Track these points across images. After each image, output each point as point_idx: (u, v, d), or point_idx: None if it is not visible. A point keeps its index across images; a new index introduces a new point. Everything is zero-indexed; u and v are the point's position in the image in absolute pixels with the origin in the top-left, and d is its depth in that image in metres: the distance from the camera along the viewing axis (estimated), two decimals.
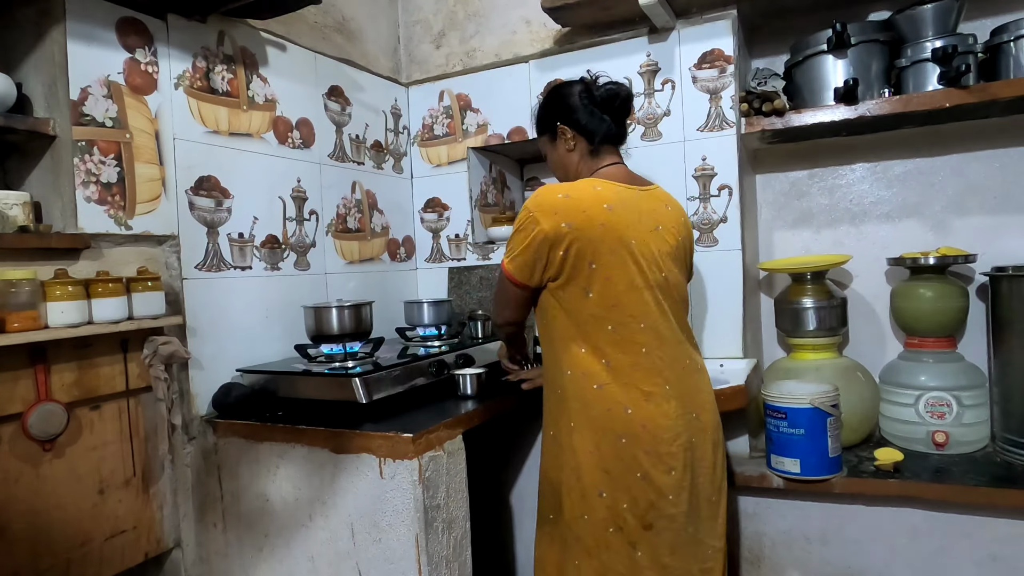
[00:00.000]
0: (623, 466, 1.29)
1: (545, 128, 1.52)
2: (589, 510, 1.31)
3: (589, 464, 1.30)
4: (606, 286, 1.30)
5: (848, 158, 2.10)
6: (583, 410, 1.32)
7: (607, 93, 1.45)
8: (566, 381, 1.35)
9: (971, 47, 1.71)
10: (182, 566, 1.60)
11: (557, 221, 1.29)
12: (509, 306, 1.45)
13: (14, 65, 1.44)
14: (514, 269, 1.36)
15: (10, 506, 1.28)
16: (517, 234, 1.35)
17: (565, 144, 1.48)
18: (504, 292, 1.43)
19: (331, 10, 2.12)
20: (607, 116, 1.45)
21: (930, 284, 1.85)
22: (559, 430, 1.37)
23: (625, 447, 1.29)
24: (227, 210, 1.72)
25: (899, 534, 1.70)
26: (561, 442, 1.36)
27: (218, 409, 1.60)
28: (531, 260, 1.33)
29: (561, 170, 1.53)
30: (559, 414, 1.37)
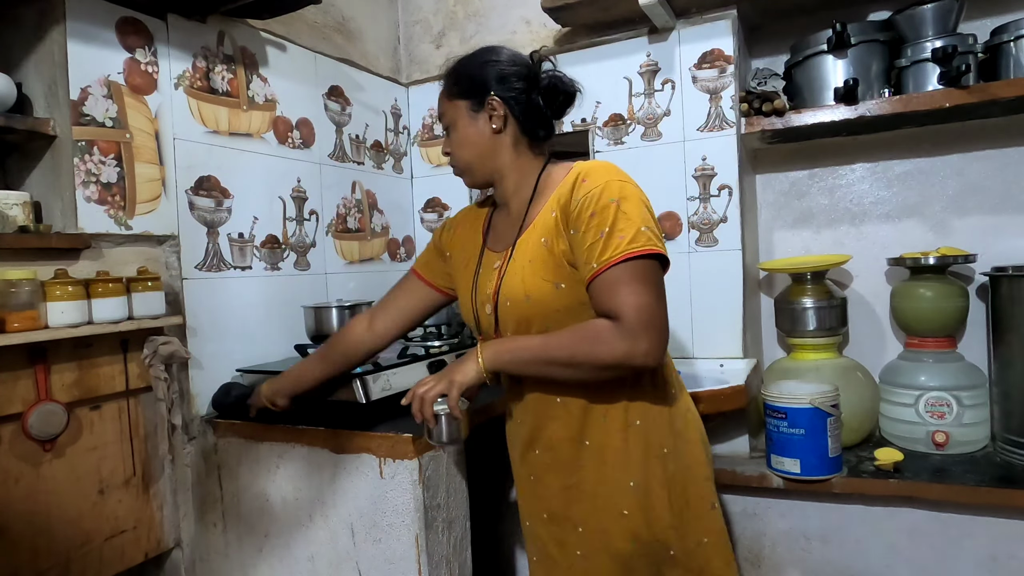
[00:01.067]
0: (712, 466, 1.23)
1: (467, 93, 1.17)
2: (707, 531, 1.17)
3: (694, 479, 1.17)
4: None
5: (848, 158, 2.10)
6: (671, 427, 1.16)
7: (550, 81, 1.19)
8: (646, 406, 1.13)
9: (971, 47, 1.71)
10: (182, 566, 1.60)
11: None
12: (666, 308, 1.04)
13: (14, 65, 1.44)
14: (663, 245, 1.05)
15: (10, 506, 1.28)
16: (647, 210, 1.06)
17: (492, 122, 1.16)
18: (658, 286, 1.03)
19: (331, 10, 2.12)
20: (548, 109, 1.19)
21: (930, 284, 1.85)
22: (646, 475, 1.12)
23: (706, 447, 1.23)
24: (227, 210, 1.72)
25: (899, 534, 1.70)
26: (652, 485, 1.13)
27: (218, 409, 1.60)
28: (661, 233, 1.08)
29: (472, 151, 1.18)
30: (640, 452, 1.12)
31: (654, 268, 1.03)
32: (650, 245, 1.01)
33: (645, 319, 0.99)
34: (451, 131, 1.21)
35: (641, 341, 0.99)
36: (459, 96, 1.19)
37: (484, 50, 1.21)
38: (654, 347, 1.00)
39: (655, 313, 1.00)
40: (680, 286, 2.01)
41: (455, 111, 1.19)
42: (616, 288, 1.00)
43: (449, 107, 1.20)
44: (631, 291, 0.99)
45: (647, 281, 1.01)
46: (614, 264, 1.00)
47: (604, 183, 1.06)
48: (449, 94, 1.20)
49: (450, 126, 1.21)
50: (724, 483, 1.83)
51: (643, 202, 1.07)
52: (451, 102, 1.20)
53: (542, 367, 1.08)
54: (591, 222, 1.04)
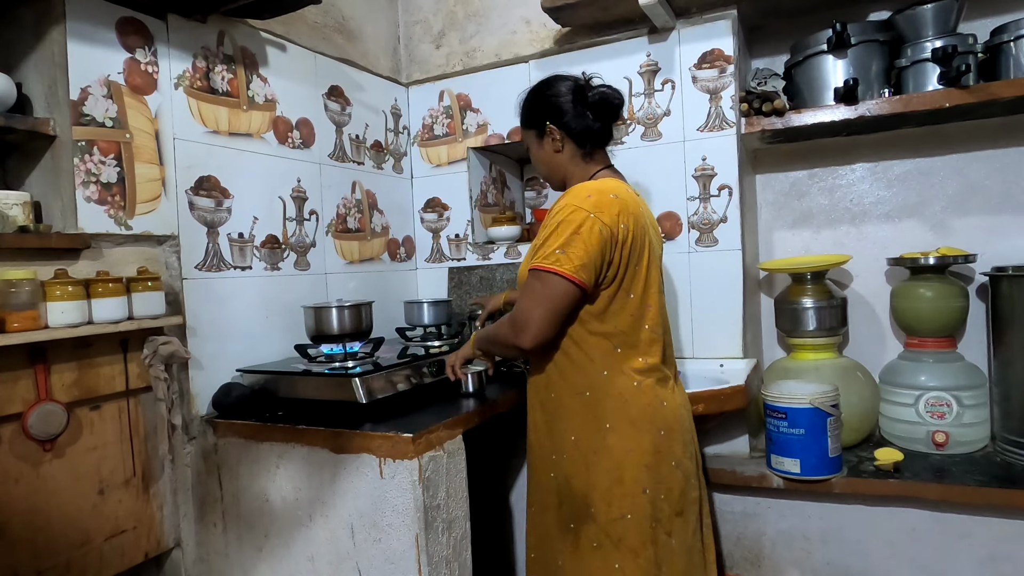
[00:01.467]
0: (660, 458, 1.32)
1: (532, 124, 1.47)
2: (632, 508, 1.30)
3: (630, 462, 1.31)
4: (643, 287, 1.35)
5: (848, 158, 2.10)
6: (622, 409, 1.32)
7: (599, 97, 1.41)
8: (601, 382, 1.33)
9: (971, 47, 1.71)
10: (182, 566, 1.60)
11: (616, 221, 1.29)
12: (556, 318, 1.30)
13: (14, 65, 1.44)
14: (579, 271, 1.26)
15: (10, 506, 1.28)
16: (573, 235, 1.27)
17: (553, 145, 1.44)
18: (553, 301, 1.28)
19: (331, 10, 2.12)
20: (598, 122, 1.42)
21: (930, 284, 1.85)
22: (584, 434, 1.34)
23: (663, 439, 1.33)
24: (227, 210, 1.72)
25: (899, 534, 1.70)
26: (588, 446, 1.33)
27: (218, 409, 1.60)
28: (596, 261, 1.27)
29: (545, 168, 1.49)
30: (587, 417, 1.34)
31: (552, 282, 1.27)
32: (555, 265, 1.26)
33: (523, 320, 1.29)
34: (529, 153, 1.53)
35: (518, 334, 1.30)
36: (526, 126, 1.50)
37: (543, 83, 1.47)
38: (526, 340, 1.29)
39: (532, 317, 1.28)
40: (680, 286, 2.01)
41: (527, 137, 1.51)
42: (522, 290, 1.33)
43: (523, 135, 1.53)
44: (525, 295, 1.30)
45: (538, 291, 1.28)
46: (531, 270, 1.30)
47: (564, 205, 1.31)
48: (521, 124, 1.52)
49: (528, 148, 1.53)
50: (724, 483, 1.83)
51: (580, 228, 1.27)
52: (523, 130, 1.52)
53: (490, 348, 1.52)
54: (541, 234, 1.33)
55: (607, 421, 1.32)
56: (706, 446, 1.94)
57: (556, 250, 1.27)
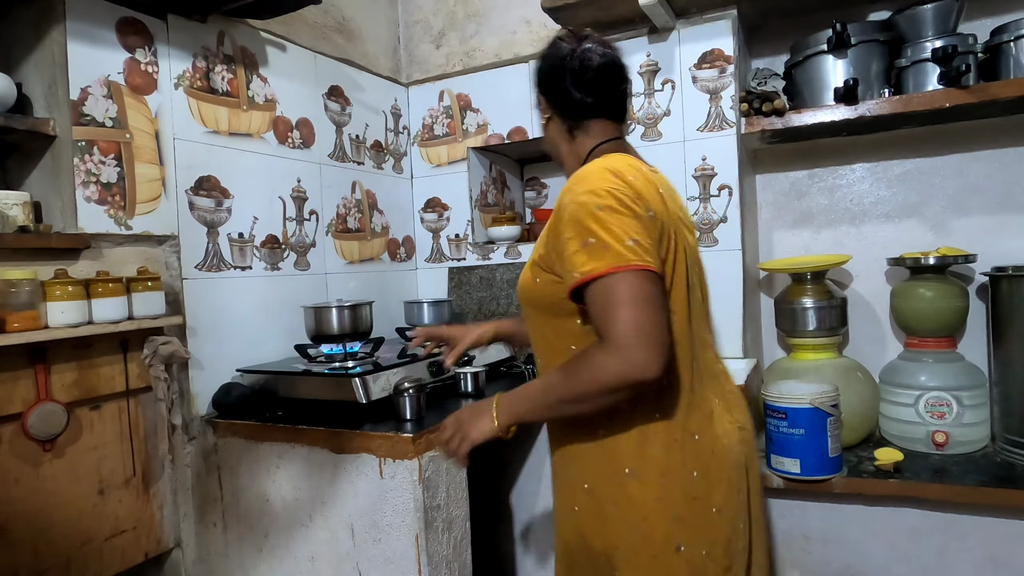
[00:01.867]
0: (698, 506, 1.05)
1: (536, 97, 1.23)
2: (666, 572, 1.04)
3: (658, 514, 1.04)
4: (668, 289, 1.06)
5: (848, 158, 2.10)
6: (642, 447, 1.05)
7: (579, 62, 1.13)
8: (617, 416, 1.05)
9: (971, 47, 1.71)
10: (182, 566, 1.60)
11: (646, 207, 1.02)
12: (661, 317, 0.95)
13: (14, 65, 1.44)
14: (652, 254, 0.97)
15: (10, 506, 1.28)
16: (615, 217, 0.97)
17: (543, 118, 1.22)
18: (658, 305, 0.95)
19: (331, 10, 2.12)
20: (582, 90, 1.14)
21: (930, 284, 1.85)
22: (599, 482, 1.08)
23: (697, 482, 1.05)
24: (227, 210, 1.72)
25: (899, 534, 1.70)
26: (605, 495, 1.07)
27: (218, 409, 1.60)
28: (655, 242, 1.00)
29: (546, 145, 1.26)
30: (601, 460, 1.08)
31: (641, 279, 0.95)
32: (636, 260, 0.95)
33: (633, 334, 0.92)
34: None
35: (633, 355, 0.92)
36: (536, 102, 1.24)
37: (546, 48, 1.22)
38: (651, 359, 0.92)
39: (644, 325, 0.92)
40: None
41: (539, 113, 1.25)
42: (603, 304, 0.95)
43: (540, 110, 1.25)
44: (617, 305, 0.93)
45: (633, 294, 0.94)
46: (595, 278, 0.95)
47: (591, 190, 1.01)
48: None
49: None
50: None
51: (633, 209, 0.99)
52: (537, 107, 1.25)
53: (555, 410, 1.06)
54: (572, 229, 1.00)
55: (626, 465, 1.05)
56: None
57: (629, 241, 0.95)
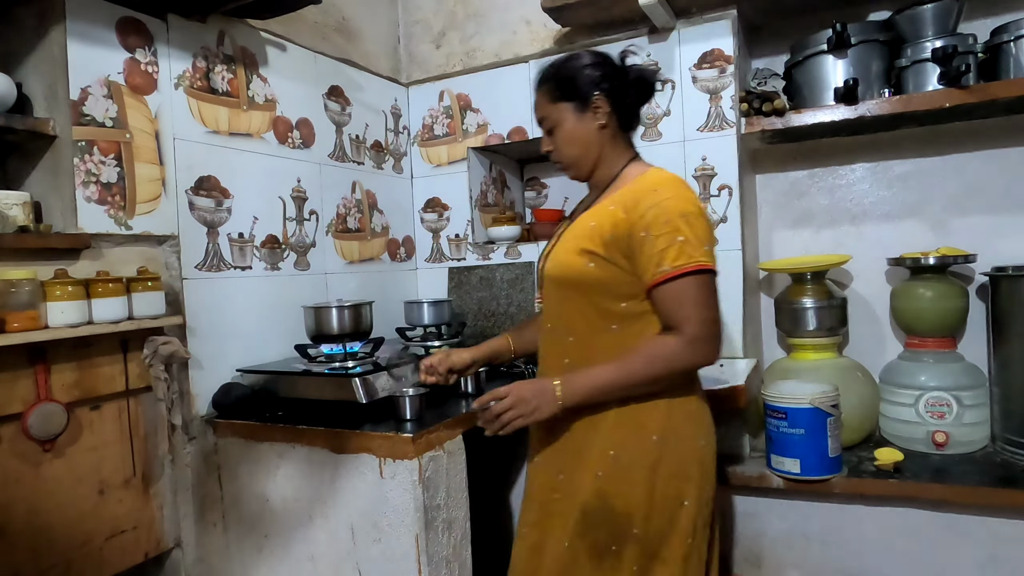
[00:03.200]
0: (703, 469, 1.25)
1: (572, 95, 1.27)
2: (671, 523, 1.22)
3: (676, 474, 1.22)
4: None
5: (848, 158, 2.10)
6: (669, 418, 1.22)
7: (639, 74, 1.29)
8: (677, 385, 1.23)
9: (971, 47, 1.71)
10: (182, 566, 1.60)
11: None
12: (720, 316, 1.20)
13: (14, 65, 1.44)
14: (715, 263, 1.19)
15: (10, 506, 1.28)
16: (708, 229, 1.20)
17: (597, 119, 1.27)
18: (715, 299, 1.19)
19: (331, 10, 2.12)
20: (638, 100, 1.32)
21: (930, 284, 1.85)
22: (626, 448, 1.22)
23: (703, 448, 1.26)
24: (227, 210, 1.72)
25: (899, 534, 1.70)
26: (632, 459, 1.22)
27: (218, 409, 1.60)
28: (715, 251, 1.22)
29: (580, 147, 1.30)
30: (631, 428, 1.22)
31: (713, 282, 1.18)
32: (712, 263, 1.17)
33: (708, 331, 1.16)
34: (556, 131, 1.31)
35: (703, 349, 1.16)
36: (563, 99, 1.29)
37: (577, 55, 1.31)
38: (715, 353, 1.18)
39: (715, 323, 1.17)
40: None
41: (559, 113, 1.29)
42: (682, 299, 1.15)
43: (552, 110, 1.30)
44: (697, 304, 1.15)
45: (710, 294, 1.17)
46: (681, 274, 1.14)
47: (676, 195, 1.19)
48: (552, 98, 1.30)
49: (555, 127, 1.31)
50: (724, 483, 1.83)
51: (707, 218, 1.21)
52: (554, 105, 1.30)
53: (623, 392, 1.21)
54: (663, 229, 1.16)
55: (654, 433, 1.22)
56: None
57: (707, 247, 1.17)
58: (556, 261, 1.29)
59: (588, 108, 1.27)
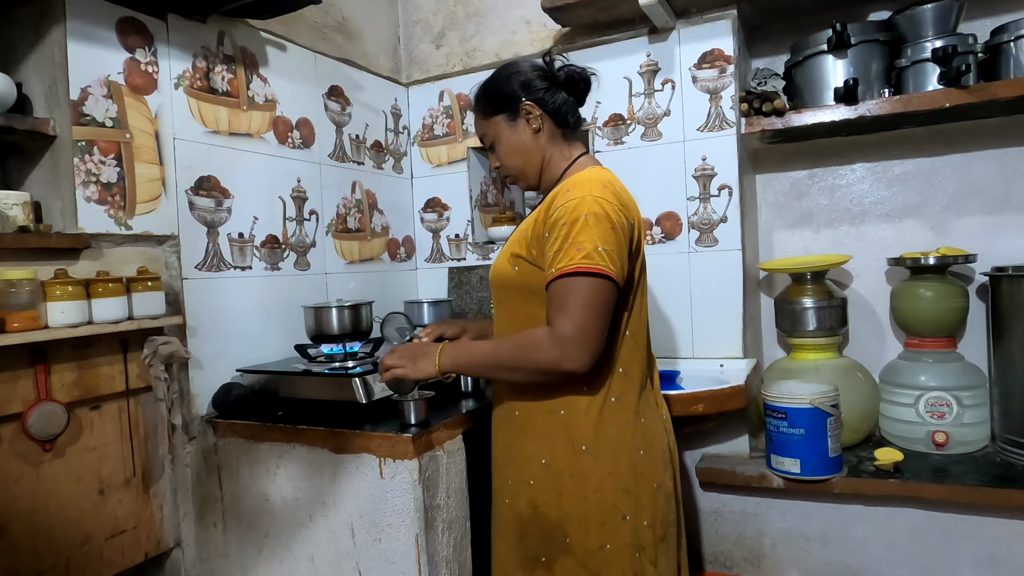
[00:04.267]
0: (642, 481, 1.20)
1: (500, 108, 1.29)
2: (612, 538, 1.18)
3: (609, 486, 1.18)
4: (632, 291, 1.22)
5: (848, 158, 2.10)
6: (599, 427, 1.19)
7: (567, 74, 1.29)
8: (578, 398, 1.20)
9: (971, 47, 1.71)
10: (182, 566, 1.60)
11: (630, 215, 1.19)
12: (605, 324, 1.13)
13: (14, 65, 1.44)
14: (620, 275, 1.12)
15: (10, 506, 1.28)
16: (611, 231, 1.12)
17: (530, 125, 1.28)
18: (606, 311, 1.12)
19: (331, 10, 2.12)
20: (576, 100, 1.32)
21: (930, 284, 1.85)
22: (556, 457, 1.21)
23: (643, 459, 1.21)
24: (227, 210, 1.72)
25: (899, 534, 1.70)
26: (563, 469, 1.20)
27: (218, 409, 1.60)
28: (624, 255, 1.15)
29: (520, 156, 1.30)
30: (560, 438, 1.21)
31: (600, 286, 1.10)
32: (602, 266, 1.10)
33: (577, 333, 1.09)
34: (496, 146, 1.32)
35: (570, 351, 1.09)
36: (494, 113, 1.30)
37: (502, 68, 1.33)
38: (583, 358, 1.10)
39: (589, 328, 1.10)
40: (680, 286, 2.01)
41: (495, 128, 1.31)
42: (561, 298, 1.11)
43: (488, 126, 1.32)
44: (573, 304, 1.10)
45: (589, 298, 1.10)
46: (563, 275, 1.11)
47: (583, 196, 1.14)
48: (484, 114, 1.32)
49: (494, 142, 1.32)
50: (724, 483, 1.83)
51: (614, 221, 1.13)
52: (488, 120, 1.31)
53: (489, 371, 1.24)
54: (560, 230, 1.13)
55: (583, 443, 1.19)
56: (706, 446, 1.94)
57: (600, 248, 1.10)
58: (494, 267, 1.32)
59: (519, 116, 1.28)
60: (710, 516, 1.93)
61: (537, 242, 1.20)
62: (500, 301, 1.32)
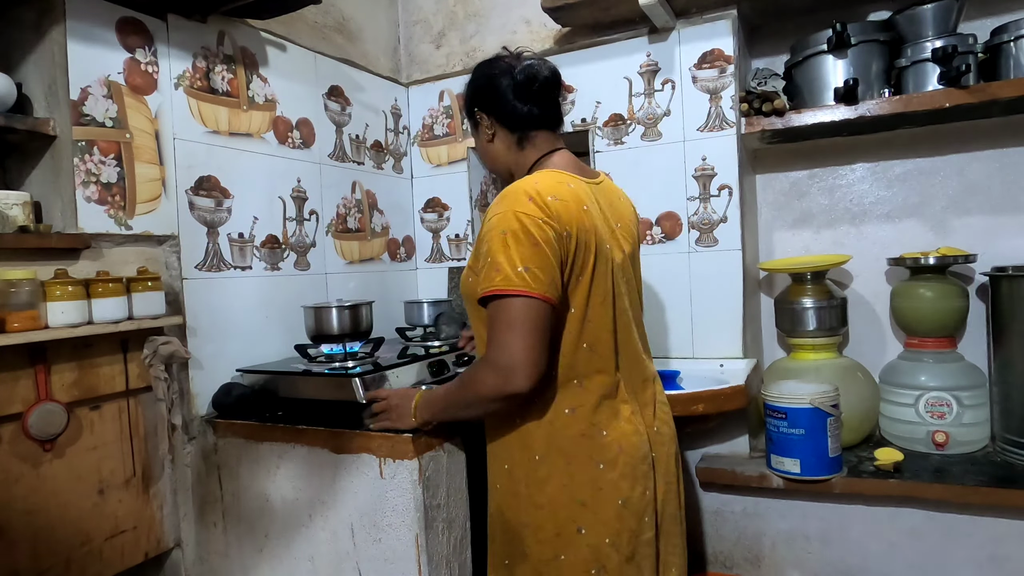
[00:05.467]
0: (603, 496, 1.15)
1: (467, 113, 1.33)
2: (566, 549, 1.15)
3: (563, 498, 1.15)
4: (584, 300, 1.16)
5: (848, 158, 2.10)
6: (551, 438, 1.16)
7: (524, 75, 1.24)
8: (532, 408, 1.17)
9: (971, 47, 1.71)
10: (182, 566, 1.60)
11: (561, 228, 1.11)
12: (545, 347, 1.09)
13: (14, 65, 1.44)
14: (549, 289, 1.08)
15: (10, 506, 1.28)
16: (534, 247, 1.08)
17: (485, 134, 1.30)
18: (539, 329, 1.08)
19: (331, 10, 2.12)
20: (529, 102, 1.25)
21: (930, 284, 1.85)
22: (516, 464, 1.19)
23: (603, 473, 1.15)
24: (227, 210, 1.72)
25: (899, 534, 1.70)
26: (521, 477, 1.19)
27: (218, 409, 1.60)
28: (557, 275, 1.11)
29: (488, 160, 1.35)
30: (517, 446, 1.19)
31: (523, 306, 1.07)
32: (521, 286, 1.06)
33: (506, 357, 1.07)
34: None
35: (506, 374, 1.08)
36: (465, 118, 1.37)
37: (475, 68, 1.32)
38: (519, 379, 1.07)
39: (517, 350, 1.07)
40: (680, 286, 2.01)
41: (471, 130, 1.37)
42: (489, 324, 1.11)
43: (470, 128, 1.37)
44: (498, 329, 1.09)
45: (512, 319, 1.07)
46: (487, 297, 1.10)
47: (503, 212, 1.12)
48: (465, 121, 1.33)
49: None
50: (724, 483, 1.83)
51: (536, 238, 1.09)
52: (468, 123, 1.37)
53: (454, 413, 1.25)
54: (483, 247, 1.13)
55: (536, 452, 1.17)
56: (706, 446, 1.94)
57: (520, 268, 1.07)
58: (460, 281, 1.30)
59: (479, 126, 1.32)
60: (710, 516, 1.94)
61: (475, 256, 1.19)
62: (471, 315, 1.28)
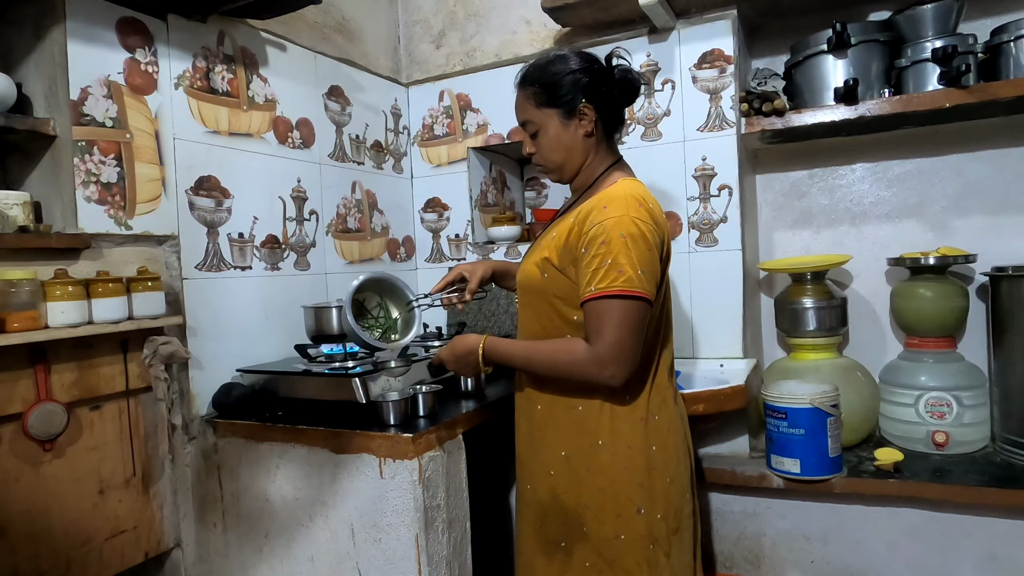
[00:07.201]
0: (656, 476, 1.24)
1: (558, 102, 1.26)
2: (626, 529, 1.23)
3: (623, 480, 1.23)
4: (660, 299, 1.26)
5: (848, 158, 2.10)
6: (611, 425, 1.24)
7: (623, 76, 1.28)
8: (595, 397, 1.24)
9: (971, 47, 1.71)
10: (182, 566, 1.60)
11: (664, 233, 1.24)
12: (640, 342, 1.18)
13: (14, 65, 1.44)
14: (653, 294, 1.17)
15: (10, 506, 1.28)
16: (647, 252, 1.16)
17: (583, 127, 1.27)
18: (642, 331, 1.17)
19: (331, 10, 2.12)
20: (626, 108, 1.33)
21: (930, 284, 1.85)
22: (575, 450, 1.26)
23: (656, 455, 1.25)
24: (227, 210, 1.72)
25: (899, 534, 1.70)
26: (580, 462, 1.25)
27: (218, 409, 1.60)
28: (658, 272, 1.20)
29: (564, 154, 1.29)
30: (578, 433, 1.26)
31: (638, 308, 1.15)
32: (640, 289, 1.14)
33: (615, 353, 1.14)
34: (540, 136, 1.30)
35: (608, 369, 1.15)
36: (548, 105, 1.27)
37: (564, 58, 1.28)
38: (619, 375, 1.16)
39: (626, 348, 1.15)
40: (680, 286, 2.01)
41: (544, 119, 1.28)
42: (601, 319, 1.15)
43: (536, 115, 1.29)
44: (612, 325, 1.14)
45: (627, 319, 1.14)
46: (605, 296, 1.14)
47: (619, 216, 1.17)
48: (537, 102, 1.28)
49: (539, 132, 1.30)
50: (724, 483, 1.83)
51: (650, 242, 1.17)
52: (538, 110, 1.28)
53: (527, 369, 1.32)
54: (599, 249, 1.16)
55: (599, 438, 1.24)
56: (706, 446, 1.94)
57: (639, 271, 1.14)
58: (522, 270, 1.35)
59: (575, 115, 1.26)
60: (710, 516, 1.93)
61: (569, 253, 1.22)
62: (527, 304, 1.35)
